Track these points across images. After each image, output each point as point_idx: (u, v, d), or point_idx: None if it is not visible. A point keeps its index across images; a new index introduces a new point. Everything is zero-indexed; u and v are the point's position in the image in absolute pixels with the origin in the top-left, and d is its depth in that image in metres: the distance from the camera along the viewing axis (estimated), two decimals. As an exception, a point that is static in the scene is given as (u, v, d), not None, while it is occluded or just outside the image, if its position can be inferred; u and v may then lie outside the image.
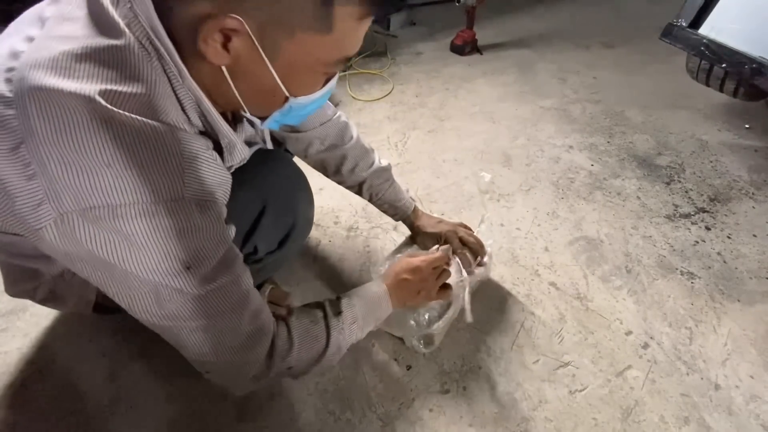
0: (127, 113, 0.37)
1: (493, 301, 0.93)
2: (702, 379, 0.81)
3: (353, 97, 1.62)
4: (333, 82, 0.50)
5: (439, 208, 1.16)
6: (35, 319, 0.85)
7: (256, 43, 0.39)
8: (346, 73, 1.76)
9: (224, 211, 0.47)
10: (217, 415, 0.74)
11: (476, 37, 1.96)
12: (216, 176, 0.44)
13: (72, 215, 0.37)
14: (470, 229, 0.92)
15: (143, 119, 0.38)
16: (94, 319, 0.82)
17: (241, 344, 0.49)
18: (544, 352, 0.85)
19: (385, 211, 0.90)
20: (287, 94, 0.45)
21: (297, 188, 0.67)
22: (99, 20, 0.39)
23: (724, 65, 1.13)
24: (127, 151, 0.37)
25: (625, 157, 1.36)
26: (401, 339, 0.85)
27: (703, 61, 1.30)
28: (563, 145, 1.41)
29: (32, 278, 0.62)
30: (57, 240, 0.39)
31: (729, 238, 1.10)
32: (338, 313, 0.61)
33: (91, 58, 0.38)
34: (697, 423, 0.75)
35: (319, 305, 0.62)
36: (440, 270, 0.74)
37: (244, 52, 0.40)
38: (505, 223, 1.12)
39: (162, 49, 0.40)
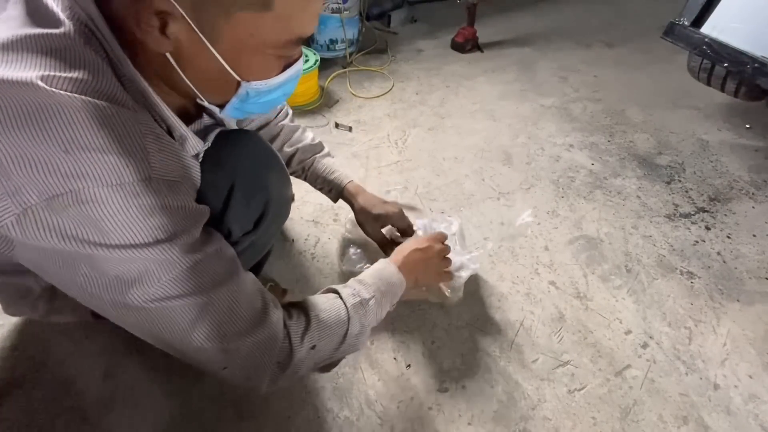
0: (76, 94, 0.36)
1: (493, 300, 0.93)
2: (701, 378, 0.81)
3: (353, 94, 1.61)
4: (295, 67, 0.48)
5: (439, 206, 1.16)
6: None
7: (193, 25, 0.38)
8: (346, 70, 1.75)
9: (194, 195, 0.46)
10: (215, 413, 0.74)
11: (477, 34, 1.95)
12: (178, 161, 0.43)
13: (35, 208, 0.35)
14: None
15: (95, 100, 0.37)
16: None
17: (246, 326, 0.47)
18: (543, 351, 0.84)
19: (320, 190, 0.88)
20: (238, 78, 0.43)
21: (267, 166, 0.64)
22: (36, 14, 0.38)
23: (725, 65, 1.12)
24: (83, 133, 0.35)
25: (625, 157, 1.36)
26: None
27: (704, 61, 1.30)
28: (564, 143, 1.41)
29: (25, 295, 0.61)
30: (21, 237, 0.37)
31: (729, 238, 1.09)
32: (354, 292, 0.60)
33: (26, 46, 0.36)
34: (695, 422, 0.75)
35: (330, 289, 0.61)
36: (446, 250, 0.77)
37: (183, 37, 0.39)
38: (505, 221, 1.12)
39: (102, 39, 0.39)
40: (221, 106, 0.49)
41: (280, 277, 0.94)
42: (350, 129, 1.43)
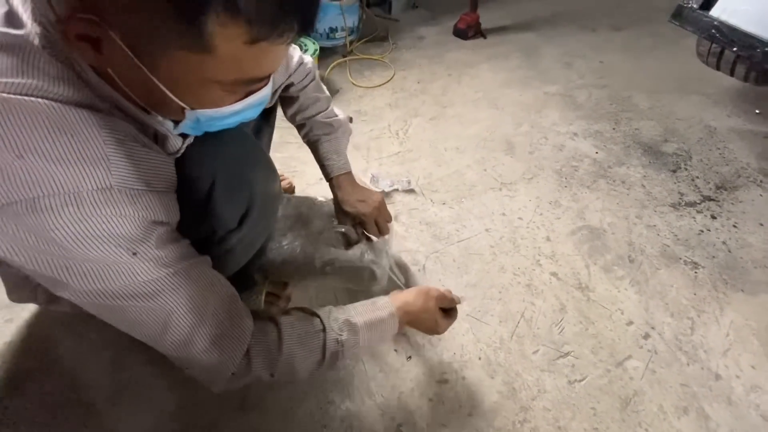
0: (34, 98, 0.35)
1: (493, 291, 0.93)
2: (702, 369, 0.81)
3: (353, 84, 1.59)
4: (255, 96, 0.45)
5: (440, 197, 1.15)
6: (40, 310, 0.86)
7: (128, 51, 0.35)
8: (347, 59, 1.72)
9: (165, 199, 0.45)
10: (219, 404, 0.75)
11: (480, 20, 1.91)
12: (147, 163, 0.42)
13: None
14: (389, 214, 0.87)
15: (55, 104, 0.36)
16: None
17: (206, 345, 0.47)
18: (543, 342, 0.85)
19: (320, 169, 0.87)
20: (183, 105, 0.41)
21: (250, 161, 0.61)
22: (8, 16, 0.38)
23: (735, 48, 1.09)
24: (39, 139, 0.34)
25: (630, 145, 1.34)
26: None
27: (713, 45, 1.26)
28: (567, 132, 1.38)
29: (25, 284, 0.62)
30: None
31: (735, 227, 1.08)
32: (339, 338, 0.56)
33: None
34: (696, 412, 0.75)
35: (317, 316, 0.57)
36: (451, 312, 0.71)
37: (119, 59, 0.36)
38: (507, 212, 1.11)
39: (58, 42, 0.37)
40: (176, 122, 0.46)
41: (279, 273, 0.95)
42: (350, 120, 1.42)
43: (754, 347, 0.84)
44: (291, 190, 1.15)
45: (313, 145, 0.85)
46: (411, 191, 1.16)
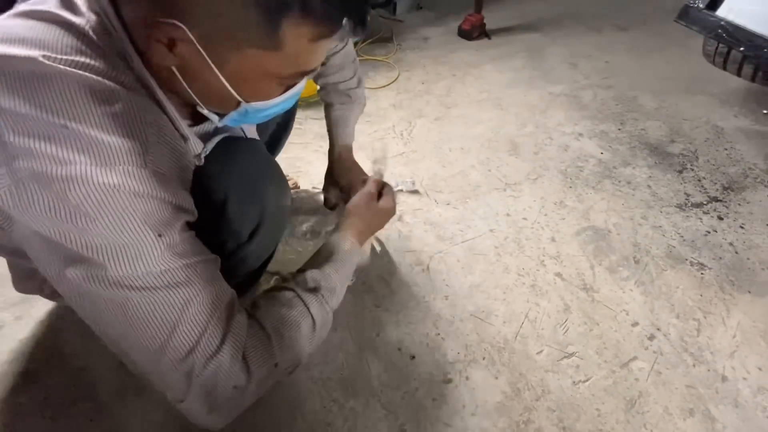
0: (86, 73, 0.37)
1: (497, 292, 0.93)
2: (709, 370, 0.80)
3: (359, 85, 1.60)
4: (296, 88, 0.49)
5: (444, 197, 1.15)
6: (48, 307, 0.87)
7: (202, 51, 0.39)
8: (352, 59, 1.73)
9: (187, 197, 0.45)
10: (224, 401, 0.76)
11: (484, 21, 1.91)
12: (175, 159, 0.43)
13: (26, 181, 0.35)
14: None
15: (105, 81, 0.37)
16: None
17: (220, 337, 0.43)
18: (548, 342, 0.84)
19: (327, 132, 0.94)
20: (239, 99, 0.45)
21: (263, 175, 0.62)
22: (63, 1, 0.40)
23: (742, 48, 1.09)
24: (86, 110, 0.36)
25: (636, 145, 1.33)
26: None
27: (720, 45, 1.26)
28: (573, 132, 1.38)
29: (31, 276, 0.63)
30: (15, 211, 0.37)
31: (742, 228, 1.07)
32: (314, 288, 0.55)
33: (46, 29, 0.38)
34: (702, 414, 0.75)
35: (286, 287, 0.55)
36: (386, 196, 0.76)
37: (191, 58, 0.40)
38: (512, 212, 1.11)
39: (114, 33, 0.40)
40: (221, 115, 0.50)
41: (286, 268, 0.95)
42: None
43: (761, 349, 0.84)
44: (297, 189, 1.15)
45: (326, 109, 0.92)
46: (415, 192, 1.16)
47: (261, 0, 0.37)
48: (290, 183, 1.15)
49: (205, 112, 0.49)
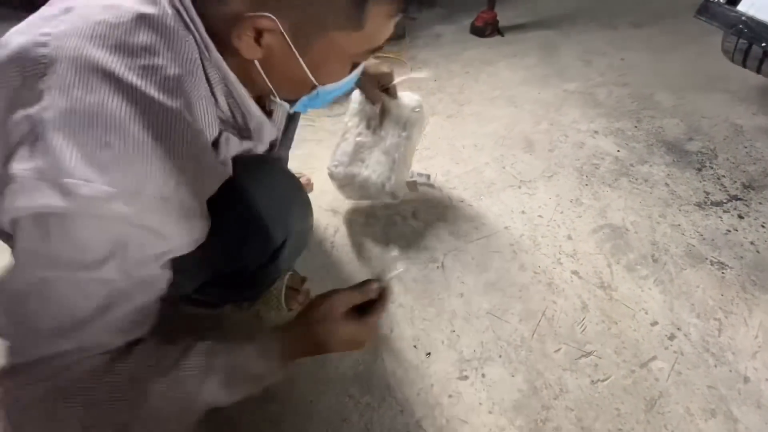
0: (147, 93, 0.37)
1: (513, 290, 0.92)
2: (731, 371, 0.79)
3: (371, 82, 1.60)
4: (360, 66, 0.52)
5: (458, 194, 1.14)
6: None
7: (289, 40, 0.41)
8: (364, 57, 1.73)
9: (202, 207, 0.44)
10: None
11: (497, 18, 1.90)
12: (210, 177, 0.44)
13: (47, 181, 0.34)
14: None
15: (166, 105, 0.38)
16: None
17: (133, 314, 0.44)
18: (565, 341, 0.83)
19: None
20: (315, 83, 0.47)
21: (288, 200, 0.61)
22: None
23: (763, 44, 1.06)
24: (129, 135, 0.36)
25: (653, 143, 1.31)
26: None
27: (740, 41, 1.23)
28: (588, 130, 1.36)
29: None
30: (16, 199, 0.35)
31: (763, 227, 1.05)
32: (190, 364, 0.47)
33: (126, 27, 0.38)
34: (724, 416, 0.73)
35: (181, 351, 0.48)
36: (371, 315, 0.55)
37: (276, 48, 0.42)
38: (527, 210, 1.10)
39: (191, 23, 0.41)
40: (291, 102, 0.53)
41: (298, 265, 0.95)
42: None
43: (785, 350, 0.82)
44: (309, 187, 1.15)
45: None
46: (431, 186, 1.16)
47: None
48: (303, 180, 1.15)
49: (278, 100, 0.51)
